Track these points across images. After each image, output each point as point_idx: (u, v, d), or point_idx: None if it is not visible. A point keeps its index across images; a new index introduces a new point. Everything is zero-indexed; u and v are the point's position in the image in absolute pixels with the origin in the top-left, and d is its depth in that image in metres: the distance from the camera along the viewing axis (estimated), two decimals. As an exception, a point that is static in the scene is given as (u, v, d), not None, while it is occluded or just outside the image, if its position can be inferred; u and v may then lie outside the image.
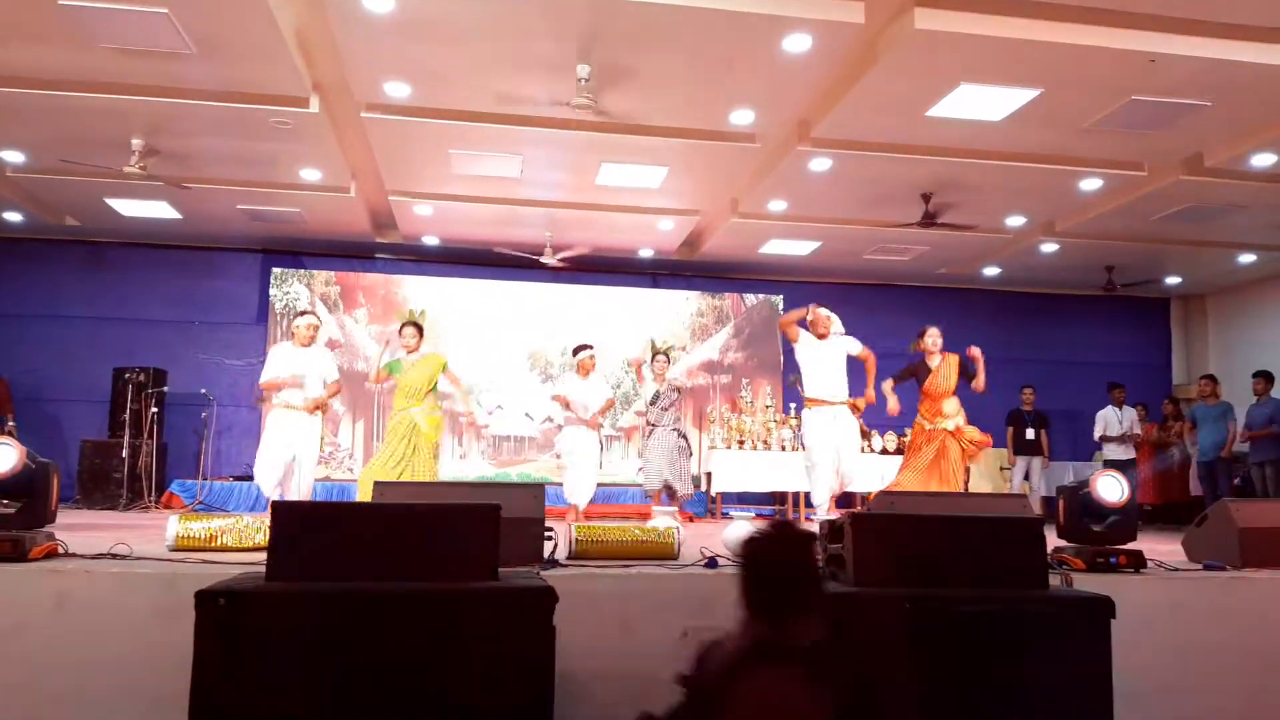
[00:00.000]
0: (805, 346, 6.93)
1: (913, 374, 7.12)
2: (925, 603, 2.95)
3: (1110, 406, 10.42)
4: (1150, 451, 11.07)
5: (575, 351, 8.67)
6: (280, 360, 6.77)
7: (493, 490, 4.81)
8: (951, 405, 6.97)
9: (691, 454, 8.59)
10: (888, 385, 7.07)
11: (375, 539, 2.76)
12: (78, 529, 5.28)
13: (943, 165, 8.20)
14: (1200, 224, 9.65)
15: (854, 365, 7.02)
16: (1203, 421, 9.81)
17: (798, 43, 6.07)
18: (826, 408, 6.76)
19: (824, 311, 6.96)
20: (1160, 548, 5.32)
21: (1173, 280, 12.31)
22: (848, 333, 7.14)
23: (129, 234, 11.00)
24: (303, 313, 7.06)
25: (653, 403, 8.37)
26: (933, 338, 7.09)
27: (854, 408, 7.00)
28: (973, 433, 6.95)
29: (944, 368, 7.00)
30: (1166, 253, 10.89)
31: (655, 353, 8.55)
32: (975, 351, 6.95)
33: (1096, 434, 10.47)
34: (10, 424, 9.40)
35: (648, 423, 8.38)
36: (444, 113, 7.46)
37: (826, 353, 6.87)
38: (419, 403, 6.87)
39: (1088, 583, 3.72)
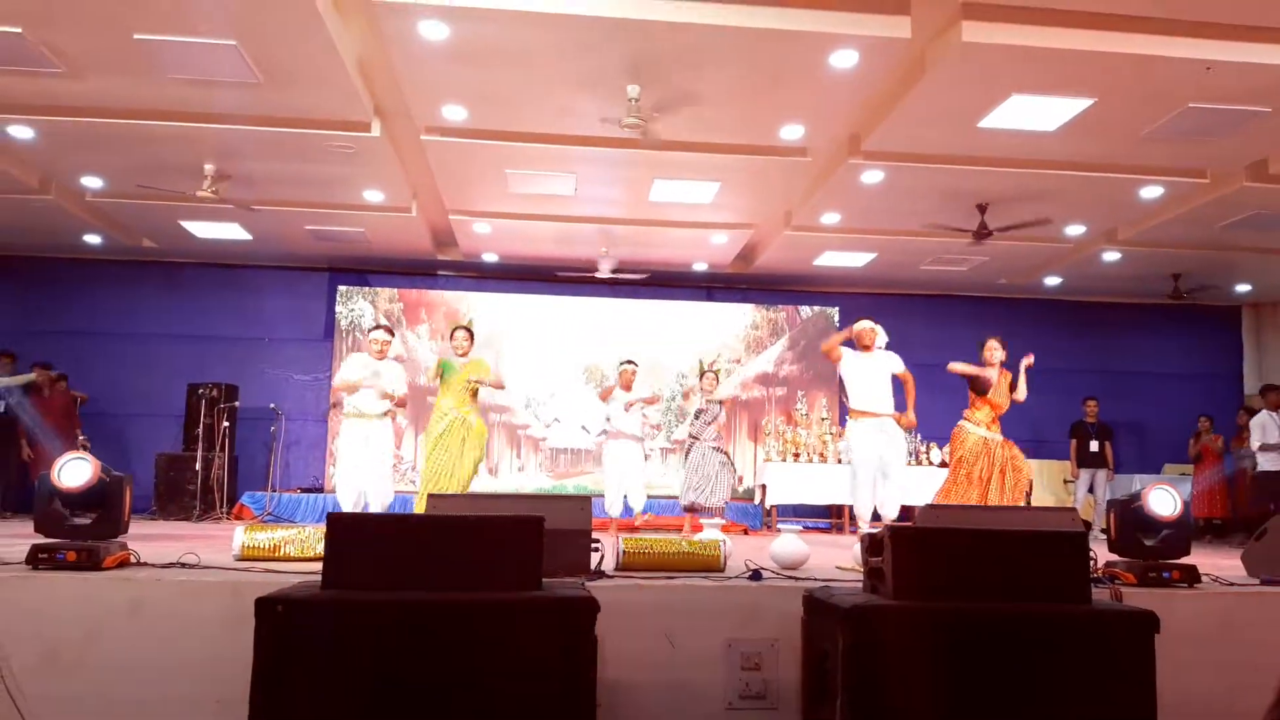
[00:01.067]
0: (850, 360, 6.81)
1: (976, 378, 6.94)
2: (964, 617, 2.97)
3: (1266, 411, 9.63)
4: (1214, 462, 10.77)
5: (620, 365, 8.74)
6: (355, 366, 6.97)
7: (539, 502, 4.92)
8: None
9: (734, 470, 8.39)
10: (955, 366, 6.96)
11: (424, 550, 2.87)
12: (151, 539, 5.53)
13: (997, 176, 8.14)
14: (1269, 230, 9.39)
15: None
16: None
17: (845, 58, 6.11)
18: (872, 419, 6.64)
19: (868, 324, 6.83)
20: (1224, 563, 5.23)
21: (1242, 288, 11.98)
22: (908, 344, 7.05)
23: (202, 254, 11.42)
24: (376, 327, 7.24)
25: (696, 417, 8.37)
26: (990, 350, 6.95)
27: (899, 420, 6.88)
28: (1019, 454, 6.82)
29: (1002, 381, 6.89)
30: (1234, 260, 10.61)
31: (703, 371, 8.56)
32: (1029, 360, 6.87)
33: (1254, 443, 9.67)
34: (81, 437, 9.83)
35: (690, 436, 8.37)
36: (500, 134, 7.65)
37: (871, 366, 6.74)
38: (466, 403, 7.06)
39: (1139, 597, 3.69)
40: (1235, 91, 6.40)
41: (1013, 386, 6.87)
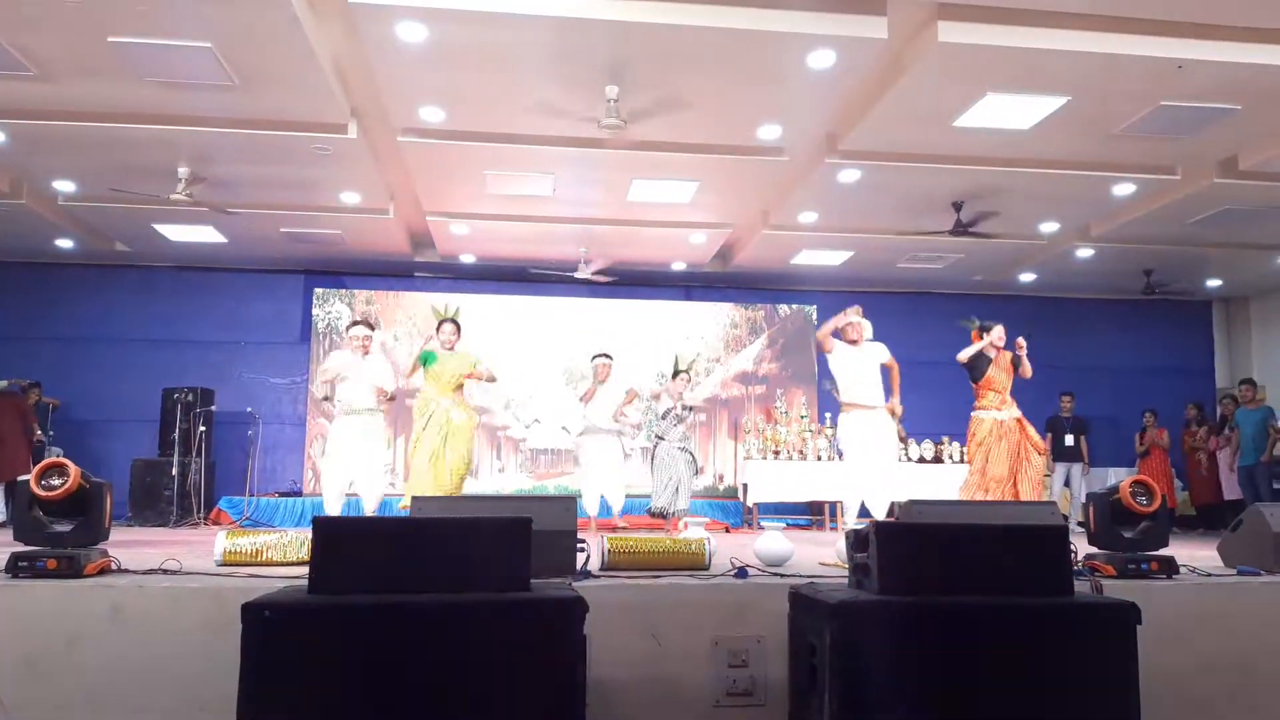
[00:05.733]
0: (839, 354, 6.92)
1: (976, 361, 7.09)
2: (950, 610, 3.00)
3: None
4: (1162, 456, 10.91)
5: (594, 359, 8.59)
6: (338, 361, 6.95)
7: (525, 503, 4.91)
8: (1012, 400, 7.03)
9: (699, 471, 8.35)
10: (964, 355, 7.09)
11: (412, 552, 2.86)
12: (130, 545, 5.46)
13: (973, 174, 8.23)
14: (1239, 227, 9.54)
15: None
16: (1244, 425, 9.69)
17: (822, 59, 6.14)
18: (863, 411, 6.74)
19: (855, 318, 6.96)
20: (1200, 554, 5.30)
21: (1213, 283, 12.16)
22: (884, 341, 7.11)
23: (176, 258, 11.32)
24: (355, 323, 7.19)
25: (663, 417, 8.32)
26: (998, 334, 7.14)
27: (891, 412, 6.96)
28: (1035, 433, 6.95)
29: (1003, 360, 7.06)
30: (1206, 256, 10.77)
31: (676, 371, 8.51)
32: (1021, 341, 7.02)
33: None
34: (37, 434, 9.75)
35: (656, 436, 8.32)
36: (478, 135, 7.63)
37: (860, 358, 6.85)
38: (449, 395, 7.01)
39: (1118, 589, 3.73)
40: (1206, 89, 6.50)
41: (1015, 366, 7.03)
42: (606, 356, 8.49)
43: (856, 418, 6.77)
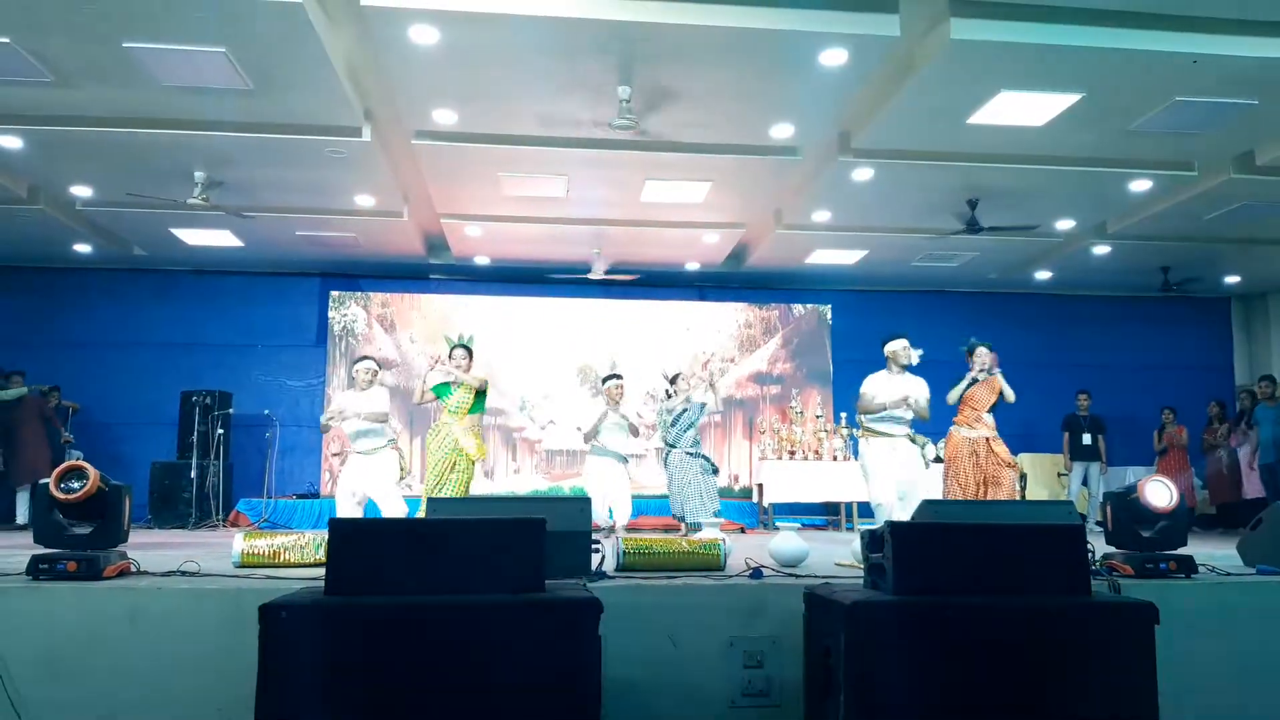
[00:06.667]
0: (877, 381, 6.58)
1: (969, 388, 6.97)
2: (966, 611, 2.99)
3: None
4: (1180, 454, 10.81)
5: (604, 381, 8.31)
6: (338, 402, 7.03)
7: (540, 504, 4.92)
8: (990, 418, 6.90)
9: (716, 472, 8.13)
10: (953, 396, 6.99)
11: (427, 553, 2.87)
12: (149, 547, 5.51)
13: (987, 171, 8.18)
14: (1256, 222, 9.46)
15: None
16: (1263, 422, 9.61)
17: (834, 57, 6.12)
18: (886, 439, 6.45)
19: (902, 343, 6.61)
20: (1219, 552, 5.26)
21: (1232, 279, 12.05)
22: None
23: (194, 262, 11.39)
24: (361, 358, 7.21)
25: (673, 424, 8.12)
26: (980, 359, 6.96)
27: (913, 440, 6.75)
28: (1004, 449, 6.83)
29: (989, 384, 6.93)
30: (1223, 252, 10.68)
31: (670, 379, 8.38)
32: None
33: None
34: (65, 436, 9.97)
35: (667, 444, 8.06)
36: (491, 137, 7.65)
37: (896, 387, 6.49)
38: (461, 420, 7.01)
39: (1136, 589, 3.71)
40: (1221, 84, 6.45)
41: (999, 391, 6.91)
42: (618, 378, 8.21)
43: (879, 446, 6.47)
